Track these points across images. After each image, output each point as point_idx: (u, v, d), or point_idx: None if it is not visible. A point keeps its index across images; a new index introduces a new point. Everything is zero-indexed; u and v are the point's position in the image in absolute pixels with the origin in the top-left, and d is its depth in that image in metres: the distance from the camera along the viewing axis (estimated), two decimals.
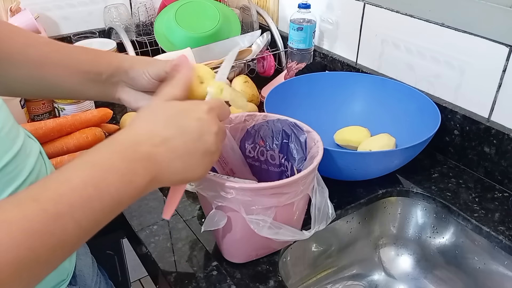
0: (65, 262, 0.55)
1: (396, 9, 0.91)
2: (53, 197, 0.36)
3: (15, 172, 0.46)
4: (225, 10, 1.17)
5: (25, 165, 0.48)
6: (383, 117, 0.91)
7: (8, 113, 0.48)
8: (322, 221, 0.60)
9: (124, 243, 1.14)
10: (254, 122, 0.68)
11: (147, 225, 0.70)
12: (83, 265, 0.64)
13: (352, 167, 0.74)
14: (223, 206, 0.56)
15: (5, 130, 0.46)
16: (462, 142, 0.84)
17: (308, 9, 1.04)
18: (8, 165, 0.45)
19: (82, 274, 0.62)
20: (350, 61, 1.06)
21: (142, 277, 1.68)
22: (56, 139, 0.86)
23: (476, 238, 0.72)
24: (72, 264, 0.58)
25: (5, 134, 0.46)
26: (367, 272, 0.83)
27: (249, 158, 0.71)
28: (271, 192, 0.55)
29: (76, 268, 0.60)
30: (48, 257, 0.35)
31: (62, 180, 0.38)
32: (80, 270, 0.62)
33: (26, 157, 0.49)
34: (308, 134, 0.64)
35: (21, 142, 0.48)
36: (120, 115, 0.99)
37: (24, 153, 0.49)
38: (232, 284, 0.60)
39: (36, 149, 0.53)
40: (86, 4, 1.22)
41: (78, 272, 0.61)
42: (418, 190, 0.79)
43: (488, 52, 0.78)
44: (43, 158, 0.54)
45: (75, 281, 0.59)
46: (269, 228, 0.56)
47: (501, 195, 0.78)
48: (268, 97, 0.85)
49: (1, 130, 0.45)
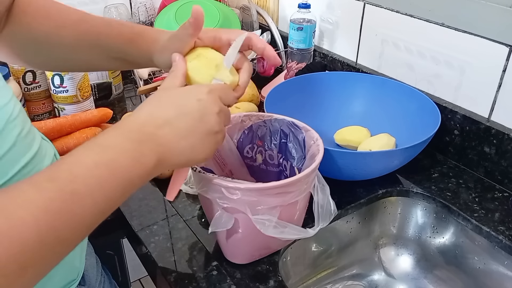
0: (75, 260, 0.56)
1: (396, 9, 0.91)
2: (68, 177, 0.37)
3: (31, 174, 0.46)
4: (225, 10, 1.17)
5: (41, 167, 0.49)
6: (383, 117, 0.91)
7: (26, 116, 0.49)
8: (326, 218, 0.61)
9: (124, 243, 1.14)
10: (251, 123, 0.68)
11: (147, 225, 0.70)
12: (88, 265, 0.64)
13: (352, 167, 0.74)
14: (228, 207, 0.56)
15: (24, 132, 0.47)
16: (462, 142, 0.84)
17: (308, 9, 1.04)
18: (26, 167, 0.46)
19: (87, 274, 0.62)
20: (350, 61, 1.06)
21: (142, 277, 1.68)
22: (56, 139, 0.86)
23: (476, 238, 0.72)
24: (82, 264, 0.58)
25: (24, 136, 0.46)
26: (367, 272, 0.83)
27: (247, 159, 0.71)
28: (276, 192, 0.55)
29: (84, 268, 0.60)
30: (68, 236, 0.36)
31: (74, 162, 0.39)
32: (86, 270, 0.62)
33: (42, 159, 0.49)
34: (306, 133, 0.64)
35: (38, 144, 0.49)
36: (120, 115, 0.99)
37: (41, 154, 0.49)
38: (232, 284, 0.60)
39: (51, 151, 0.53)
40: (86, 4, 1.22)
41: (85, 272, 0.61)
42: (418, 190, 0.79)
43: (488, 52, 0.78)
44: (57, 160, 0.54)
45: (84, 281, 0.59)
46: (275, 228, 0.56)
47: (501, 195, 0.78)
48: (268, 97, 0.85)
49: (21, 132, 0.46)
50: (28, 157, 0.46)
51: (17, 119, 0.46)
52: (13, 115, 0.45)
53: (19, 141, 0.45)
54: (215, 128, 0.48)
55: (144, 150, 0.42)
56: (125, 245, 1.14)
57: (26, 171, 0.46)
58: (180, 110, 0.46)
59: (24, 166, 0.46)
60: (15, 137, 0.45)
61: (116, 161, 0.40)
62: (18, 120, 0.46)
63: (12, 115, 0.45)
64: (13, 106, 0.46)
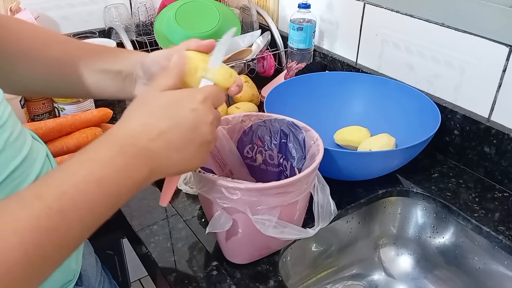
0: (71, 262, 0.55)
1: (396, 9, 0.91)
2: (56, 194, 0.36)
3: (21, 178, 0.46)
4: (225, 10, 1.17)
5: (32, 170, 0.48)
6: (383, 117, 0.91)
7: (16, 119, 0.48)
8: (326, 218, 0.61)
9: (124, 243, 1.14)
10: (251, 123, 0.68)
11: (147, 225, 0.70)
12: (87, 264, 0.64)
13: (352, 167, 0.74)
14: (228, 208, 0.56)
15: (14, 136, 0.46)
16: (462, 142, 0.84)
17: (308, 9, 1.04)
18: (15, 171, 0.45)
19: (86, 274, 0.62)
20: (350, 61, 1.06)
21: (142, 277, 1.68)
22: (56, 139, 0.86)
23: (476, 238, 0.72)
24: (78, 265, 0.58)
25: (13, 140, 0.46)
26: (367, 272, 0.83)
27: (247, 159, 0.71)
28: (276, 192, 0.55)
29: (81, 268, 0.60)
30: (55, 253, 0.36)
31: (63, 178, 0.38)
32: (85, 270, 0.62)
33: (33, 162, 0.49)
34: (306, 133, 0.64)
35: (28, 147, 0.48)
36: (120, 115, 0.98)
37: (31, 157, 0.49)
38: (232, 284, 0.60)
39: (43, 152, 0.53)
40: (86, 4, 1.22)
41: (83, 272, 0.61)
42: (418, 190, 0.79)
43: (488, 52, 0.78)
44: (49, 161, 0.54)
45: (81, 282, 0.59)
46: (275, 228, 0.56)
47: (501, 195, 0.78)
48: (268, 97, 0.85)
49: (10, 136, 0.45)
50: (18, 161, 0.46)
51: (6, 124, 0.45)
52: (2, 120, 0.44)
53: (8, 146, 0.44)
54: (208, 138, 0.47)
55: (136, 164, 0.42)
56: (125, 245, 1.14)
57: (15, 175, 0.45)
58: (174, 121, 0.45)
59: (13, 170, 0.45)
60: (3, 142, 0.44)
61: (107, 178, 0.39)
62: (7, 124, 0.45)
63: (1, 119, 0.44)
64: (2, 111, 0.45)
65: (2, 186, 0.44)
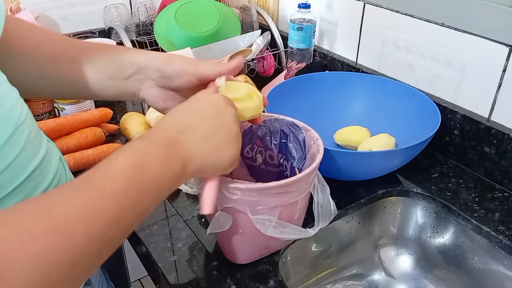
0: None
1: (396, 9, 0.91)
2: (106, 179, 0.37)
3: (40, 177, 0.47)
4: (225, 10, 1.17)
5: (49, 170, 0.49)
6: (383, 117, 0.91)
7: (32, 118, 0.48)
8: (326, 218, 0.61)
9: (124, 243, 1.14)
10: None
11: (147, 225, 0.70)
12: None
13: (352, 167, 0.74)
14: (228, 208, 0.56)
15: (32, 135, 0.46)
16: (462, 142, 0.84)
17: (308, 9, 1.04)
18: (36, 171, 0.46)
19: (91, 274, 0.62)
20: (350, 61, 1.06)
21: (142, 277, 1.68)
22: (56, 139, 0.86)
23: (476, 238, 0.72)
24: None
25: (32, 139, 0.46)
26: (367, 272, 0.83)
27: (247, 159, 0.71)
28: (276, 192, 0.55)
29: None
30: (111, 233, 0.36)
31: (109, 165, 0.39)
32: None
33: (49, 161, 0.49)
34: (306, 133, 0.64)
35: (45, 146, 0.49)
36: (120, 115, 0.99)
37: (48, 157, 0.49)
38: (232, 284, 0.60)
39: (56, 152, 0.53)
40: (86, 4, 1.22)
41: None
42: (418, 190, 0.79)
43: (488, 52, 0.78)
44: (62, 162, 0.54)
45: (89, 281, 0.59)
46: (275, 228, 0.56)
47: (501, 195, 0.78)
48: (268, 97, 0.85)
49: (29, 135, 0.45)
50: (38, 160, 0.46)
51: (25, 122, 0.45)
52: (21, 118, 0.45)
53: (28, 145, 0.45)
54: (235, 129, 0.48)
55: (170, 154, 0.43)
56: (125, 245, 1.14)
57: (35, 175, 0.46)
58: (199, 115, 0.47)
59: (33, 170, 0.45)
60: (24, 141, 0.44)
61: (148, 164, 0.40)
62: (26, 123, 0.45)
63: (20, 118, 0.44)
64: (20, 110, 0.45)
65: (21, 187, 0.44)
